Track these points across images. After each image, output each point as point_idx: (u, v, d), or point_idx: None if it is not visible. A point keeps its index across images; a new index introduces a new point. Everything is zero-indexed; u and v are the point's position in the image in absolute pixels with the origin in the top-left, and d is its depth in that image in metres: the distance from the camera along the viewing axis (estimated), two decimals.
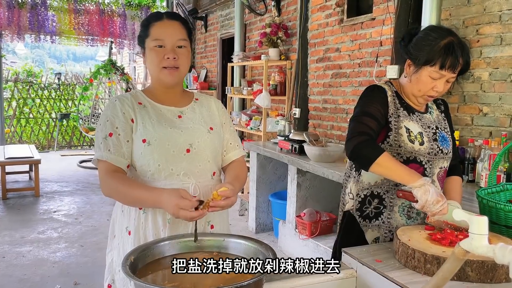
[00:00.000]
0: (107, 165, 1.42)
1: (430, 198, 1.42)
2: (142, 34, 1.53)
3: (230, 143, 1.64)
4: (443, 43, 1.52)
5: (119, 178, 1.41)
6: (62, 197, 5.78)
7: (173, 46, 1.48)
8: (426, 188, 1.43)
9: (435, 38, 1.53)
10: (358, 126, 1.59)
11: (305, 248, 3.57)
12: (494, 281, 1.27)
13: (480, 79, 2.92)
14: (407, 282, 1.28)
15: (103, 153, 1.43)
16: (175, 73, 1.49)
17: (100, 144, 1.44)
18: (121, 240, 1.54)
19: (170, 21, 1.50)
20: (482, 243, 0.78)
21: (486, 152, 2.57)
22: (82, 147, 10.09)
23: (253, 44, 5.93)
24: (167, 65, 1.47)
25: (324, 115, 4.48)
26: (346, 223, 1.77)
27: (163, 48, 1.47)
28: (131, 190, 1.39)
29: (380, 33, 3.65)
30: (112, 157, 1.43)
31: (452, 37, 1.54)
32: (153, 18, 1.51)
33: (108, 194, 1.44)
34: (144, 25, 1.52)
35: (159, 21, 1.49)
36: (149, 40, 1.49)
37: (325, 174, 3.13)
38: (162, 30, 1.48)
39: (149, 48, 1.49)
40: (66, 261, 3.71)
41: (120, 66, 7.88)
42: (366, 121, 1.59)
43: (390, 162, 1.51)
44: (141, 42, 1.53)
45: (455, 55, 1.51)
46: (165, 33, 1.48)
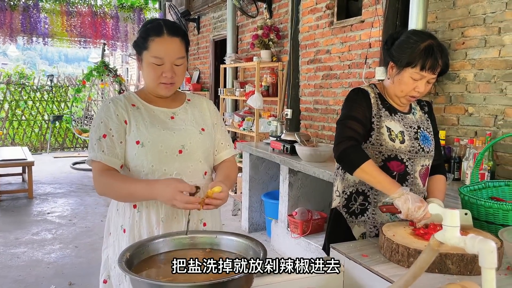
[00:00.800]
0: (100, 165, 1.47)
1: (411, 206, 1.49)
2: (140, 44, 1.52)
3: (221, 143, 1.69)
4: (423, 45, 1.60)
5: (111, 175, 1.46)
6: (56, 199, 5.80)
7: (172, 64, 1.50)
8: (405, 197, 1.51)
9: (416, 41, 1.61)
10: (345, 131, 1.68)
11: (297, 247, 3.64)
12: (473, 273, 1.34)
13: (465, 80, 3.00)
14: (392, 275, 1.34)
15: (97, 154, 1.47)
16: (171, 88, 1.55)
17: (94, 146, 1.49)
18: (116, 238, 1.59)
19: (170, 38, 1.49)
20: (454, 234, 0.84)
21: (471, 151, 2.65)
22: (75, 149, 10.09)
23: (245, 46, 5.99)
24: (164, 81, 1.52)
25: (315, 116, 4.55)
26: (334, 220, 1.84)
27: (161, 66, 1.49)
28: (125, 185, 1.44)
29: (369, 35, 3.72)
30: (106, 157, 1.47)
31: (431, 40, 1.62)
32: (154, 32, 1.49)
33: (102, 192, 1.49)
34: (143, 36, 1.51)
35: (159, 37, 1.48)
36: (147, 55, 1.50)
37: (316, 174, 3.19)
38: (162, 48, 1.48)
39: (147, 62, 1.51)
40: (61, 261, 3.74)
41: (113, 68, 7.88)
42: (353, 125, 1.67)
43: (373, 169, 1.60)
44: (138, 50, 1.54)
45: (434, 57, 1.59)
46: (165, 51, 1.48)
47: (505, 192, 1.90)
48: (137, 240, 1.52)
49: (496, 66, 2.80)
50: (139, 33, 1.54)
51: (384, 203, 1.63)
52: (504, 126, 2.76)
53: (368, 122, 1.70)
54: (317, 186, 3.77)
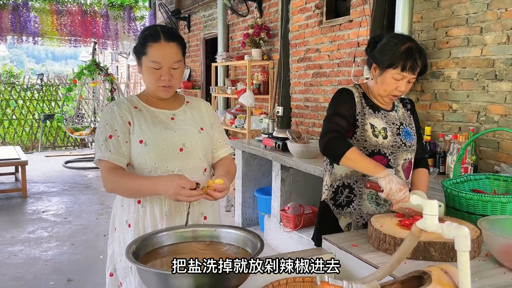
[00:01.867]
0: (108, 164, 1.57)
1: (394, 187, 1.61)
2: (139, 50, 1.62)
3: (219, 142, 1.80)
4: (403, 48, 1.72)
5: (118, 173, 1.56)
6: (50, 198, 5.85)
7: (169, 67, 1.59)
8: (390, 178, 1.63)
9: (396, 44, 1.73)
10: (330, 125, 1.79)
11: (289, 240, 3.75)
12: (454, 259, 1.44)
13: (449, 78, 3.13)
14: (379, 262, 1.45)
15: (104, 154, 1.57)
16: (170, 90, 1.65)
17: (101, 146, 1.58)
18: (121, 233, 1.68)
19: (167, 44, 1.58)
20: (433, 222, 0.95)
21: (455, 146, 2.77)
22: (66, 147, 10.09)
23: (236, 44, 6.07)
24: (162, 84, 1.62)
25: (306, 113, 4.66)
26: (322, 212, 1.96)
27: (159, 70, 1.59)
28: (131, 182, 1.53)
29: (357, 34, 3.84)
30: (113, 156, 1.57)
31: (411, 43, 1.74)
32: (151, 38, 1.58)
33: (110, 189, 1.58)
34: (142, 42, 1.61)
35: (156, 42, 1.57)
36: (146, 59, 1.60)
37: (307, 170, 3.30)
38: (159, 53, 1.57)
39: (146, 66, 1.61)
40: (58, 259, 3.81)
41: (104, 67, 7.91)
42: (337, 120, 1.79)
43: (357, 155, 1.71)
44: (138, 56, 1.64)
45: (414, 58, 1.71)
46: (162, 56, 1.57)
47: (485, 184, 2.02)
48: (142, 233, 1.61)
49: (478, 64, 2.93)
50: (138, 39, 1.65)
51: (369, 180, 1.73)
52: (486, 122, 2.90)
53: (352, 118, 1.81)
54: (309, 181, 3.88)
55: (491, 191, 1.98)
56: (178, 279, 1.22)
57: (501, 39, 2.78)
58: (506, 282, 1.30)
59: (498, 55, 2.80)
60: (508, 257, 1.37)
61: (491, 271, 1.38)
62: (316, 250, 1.69)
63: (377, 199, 1.86)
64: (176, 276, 1.24)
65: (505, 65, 2.76)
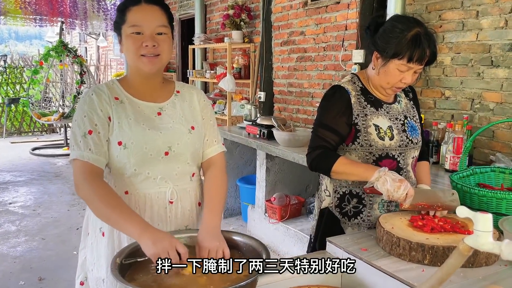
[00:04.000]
0: (86, 166, 1.33)
1: (389, 187, 1.48)
2: (118, 20, 1.41)
3: (206, 139, 1.55)
4: (410, 35, 1.51)
5: (99, 188, 1.31)
6: (17, 188, 5.51)
7: (152, 33, 1.37)
8: (383, 178, 1.49)
9: (402, 30, 1.52)
10: (316, 140, 1.67)
11: (275, 232, 3.62)
12: (475, 265, 1.33)
13: (442, 63, 3.01)
14: (394, 270, 1.31)
15: (83, 153, 1.33)
16: (155, 61, 1.39)
17: (79, 143, 1.34)
18: (94, 240, 1.49)
19: (148, 6, 1.38)
20: (487, 240, 0.81)
21: (450, 135, 2.66)
22: (33, 133, 9.61)
23: (214, 25, 5.81)
24: (145, 53, 1.37)
25: (289, 99, 4.50)
26: (326, 220, 1.76)
27: (141, 35, 1.36)
28: (113, 212, 1.27)
29: (345, 17, 3.67)
30: (93, 157, 1.34)
31: (418, 28, 1.52)
32: (130, 2, 1.39)
33: (83, 198, 1.35)
34: (120, 9, 1.40)
35: (136, 5, 1.37)
36: (125, 27, 1.38)
37: (295, 159, 3.15)
38: (140, 15, 1.37)
39: (125, 35, 1.38)
40: (28, 255, 3.56)
41: (72, 48, 7.47)
42: (323, 134, 1.65)
43: (344, 167, 1.59)
44: (117, 28, 1.42)
45: (422, 47, 1.51)
46: (143, 19, 1.36)
47: (491, 178, 1.93)
48: (116, 245, 1.42)
49: (473, 50, 2.82)
50: (117, 10, 1.42)
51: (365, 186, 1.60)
52: (481, 109, 2.80)
53: (343, 128, 1.64)
54: (295, 171, 3.74)
55: (497, 184, 1.89)
56: None
57: (498, 24, 2.67)
58: None
59: (495, 40, 2.70)
60: None
61: None
62: (320, 254, 1.54)
63: (389, 206, 1.70)
64: None
65: (502, 51, 2.66)
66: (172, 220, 1.47)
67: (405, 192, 1.49)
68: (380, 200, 1.68)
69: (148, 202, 1.43)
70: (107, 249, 1.44)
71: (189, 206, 1.51)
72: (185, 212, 1.49)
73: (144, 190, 1.42)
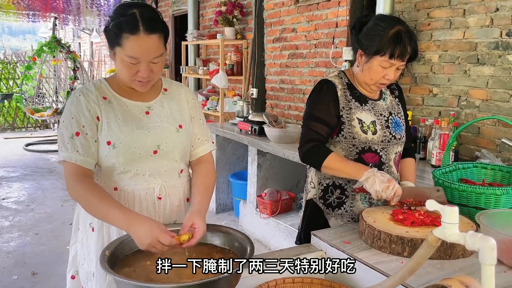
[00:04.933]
0: (75, 168, 1.35)
1: (378, 188, 1.53)
2: (112, 38, 1.34)
3: (198, 138, 1.58)
4: (392, 32, 1.57)
5: (89, 186, 1.34)
6: (10, 183, 5.52)
7: (148, 62, 1.35)
8: (372, 179, 1.54)
9: (384, 28, 1.58)
10: (307, 133, 1.70)
11: (266, 227, 3.67)
12: (452, 257, 1.39)
13: (430, 61, 3.06)
14: (375, 262, 1.36)
15: (71, 154, 1.35)
16: (147, 85, 1.42)
17: (67, 144, 1.36)
18: (85, 235, 1.53)
19: (148, 37, 1.30)
20: (454, 231, 0.85)
21: (437, 132, 2.72)
22: (26, 129, 9.60)
23: (207, 22, 5.83)
24: (139, 80, 1.38)
25: (281, 95, 4.53)
26: (310, 211, 1.82)
27: (137, 65, 1.34)
28: (102, 206, 1.31)
29: (336, 14, 3.71)
30: (81, 158, 1.36)
31: (400, 26, 1.59)
32: (128, 29, 1.30)
33: (74, 198, 1.38)
34: (116, 31, 1.32)
35: (134, 35, 1.29)
36: (121, 52, 1.33)
37: (285, 155, 3.20)
38: (137, 47, 1.31)
39: (120, 58, 1.35)
40: (21, 250, 3.59)
41: (66, 44, 7.45)
42: (315, 126, 1.68)
43: (336, 163, 1.63)
44: (111, 44, 1.36)
45: (403, 44, 1.57)
46: (141, 51, 1.31)
47: (473, 173, 1.97)
48: (106, 240, 1.46)
49: (460, 47, 2.87)
50: (111, 25, 1.33)
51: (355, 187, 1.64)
52: (467, 106, 2.86)
53: (333, 119, 1.69)
54: (285, 166, 3.79)
55: (479, 180, 1.93)
56: None
57: (484, 22, 2.72)
58: (509, 282, 1.24)
59: (481, 39, 2.75)
60: (509, 254, 1.31)
61: None
62: (305, 247, 1.59)
63: (371, 199, 1.75)
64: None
65: (488, 49, 2.71)
66: (160, 215, 1.50)
67: (393, 192, 1.54)
68: None
69: (137, 198, 1.46)
70: (97, 244, 1.48)
71: (177, 201, 1.54)
72: (173, 207, 1.53)
73: (133, 187, 1.45)
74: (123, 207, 1.33)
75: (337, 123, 1.70)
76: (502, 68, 2.65)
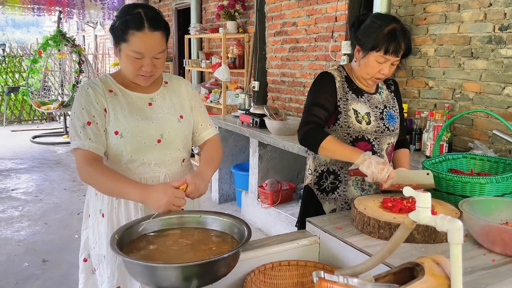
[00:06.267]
0: (87, 154, 1.46)
1: (374, 169, 1.62)
2: (118, 35, 1.46)
3: (201, 125, 1.71)
4: (387, 30, 1.68)
5: (100, 168, 1.45)
6: (19, 175, 5.66)
7: (152, 58, 1.47)
8: (368, 161, 1.63)
9: (380, 26, 1.70)
10: (308, 116, 1.78)
11: (267, 216, 3.78)
12: (436, 241, 1.49)
13: (426, 55, 3.14)
14: (364, 246, 1.47)
15: (84, 142, 1.46)
16: (150, 79, 1.54)
17: (79, 133, 1.47)
18: (95, 221, 1.64)
19: (152, 33, 1.44)
20: (426, 214, 0.96)
21: (431, 124, 2.81)
22: (33, 121, 9.74)
23: (210, 15, 5.90)
24: (143, 74, 1.50)
25: (282, 88, 4.63)
26: (306, 196, 1.95)
27: (141, 60, 1.46)
28: (115, 184, 1.41)
29: (335, 8, 3.78)
30: (93, 145, 1.47)
31: (395, 24, 1.70)
32: (134, 25, 1.43)
33: (87, 181, 1.49)
34: (122, 28, 1.44)
35: (140, 31, 1.42)
36: (126, 47, 1.46)
37: (285, 147, 3.30)
38: (142, 43, 1.43)
39: (125, 54, 1.47)
40: (31, 239, 3.72)
41: (71, 37, 7.55)
42: (315, 111, 1.77)
43: (333, 144, 1.71)
44: (116, 39, 1.48)
45: (397, 41, 1.68)
46: (145, 47, 1.44)
47: (462, 163, 2.07)
48: (116, 224, 1.57)
49: (455, 42, 2.95)
50: (118, 22, 1.46)
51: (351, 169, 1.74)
52: (461, 99, 2.94)
53: (331, 106, 1.79)
54: (286, 158, 3.89)
55: (468, 170, 2.03)
56: (166, 270, 1.20)
57: (478, 17, 2.80)
58: (487, 264, 1.34)
59: (474, 33, 2.83)
60: (488, 238, 1.41)
61: (471, 253, 1.41)
62: (300, 233, 1.70)
63: (362, 185, 1.86)
64: (164, 268, 1.22)
65: (481, 43, 2.79)
66: None
67: (388, 174, 1.64)
68: (354, 178, 1.84)
69: None
70: (107, 228, 1.59)
71: None
72: None
73: (140, 175, 1.57)
74: (135, 182, 1.45)
75: (334, 110, 1.80)
76: (495, 61, 2.73)
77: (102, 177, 1.43)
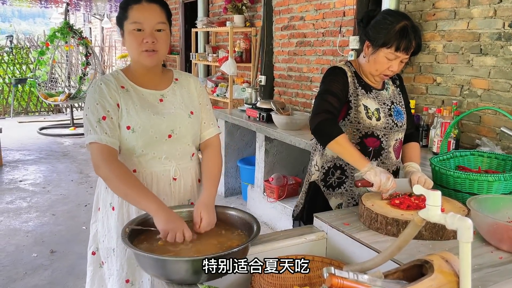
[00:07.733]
0: (103, 148, 1.47)
1: (382, 178, 1.62)
2: (120, 16, 1.54)
3: (204, 122, 1.71)
4: (399, 26, 1.68)
5: (117, 169, 1.45)
6: (26, 166, 5.71)
7: (152, 29, 1.51)
8: (375, 170, 1.63)
9: (392, 22, 1.69)
10: (323, 104, 1.75)
11: (272, 210, 3.80)
12: (443, 238, 1.50)
13: (434, 51, 3.13)
14: (371, 242, 1.48)
15: (101, 136, 1.48)
16: (154, 56, 1.54)
17: (95, 128, 1.49)
18: (105, 214, 1.66)
19: (149, 4, 1.51)
20: (436, 212, 0.97)
21: (438, 120, 2.81)
22: (40, 113, 9.79)
23: (216, 9, 5.90)
24: (146, 48, 1.52)
25: (289, 83, 4.62)
26: (312, 192, 1.95)
27: (141, 32, 1.50)
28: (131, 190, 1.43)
29: (343, 3, 3.77)
30: (110, 140, 1.49)
31: (406, 21, 1.69)
32: (132, 1, 1.52)
33: (103, 177, 1.51)
34: (123, 7, 1.54)
35: (137, 4, 1.51)
36: (127, 23, 1.52)
37: (292, 142, 3.31)
38: (140, 13, 1.50)
39: (128, 31, 1.52)
40: (39, 230, 3.77)
41: (78, 30, 7.57)
42: (330, 99, 1.75)
43: (346, 143, 1.69)
44: (120, 24, 1.56)
45: (408, 38, 1.68)
46: (144, 16, 1.50)
47: (470, 160, 2.07)
48: (126, 218, 1.60)
49: (464, 38, 2.94)
50: (119, 7, 1.56)
51: (356, 177, 1.73)
52: (469, 96, 2.94)
53: (344, 97, 1.79)
54: (292, 153, 3.90)
55: (476, 167, 2.03)
56: (176, 264, 1.23)
57: (487, 13, 2.78)
58: (494, 261, 1.35)
59: (484, 29, 2.81)
60: (495, 236, 1.42)
61: (478, 250, 1.42)
62: (307, 228, 1.71)
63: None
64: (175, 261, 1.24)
65: (491, 40, 2.78)
66: (175, 195, 1.65)
67: (392, 183, 1.64)
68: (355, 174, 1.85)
69: (155, 179, 1.60)
70: (117, 222, 1.61)
71: (190, 182, 1.69)
72: (187, 187, 1.67)
73: (151, 169, 1.59)
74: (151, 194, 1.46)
75: (345, 103, 1.79)
76: (504, 58, 2.72)
77: (119, 180, 1.44)
